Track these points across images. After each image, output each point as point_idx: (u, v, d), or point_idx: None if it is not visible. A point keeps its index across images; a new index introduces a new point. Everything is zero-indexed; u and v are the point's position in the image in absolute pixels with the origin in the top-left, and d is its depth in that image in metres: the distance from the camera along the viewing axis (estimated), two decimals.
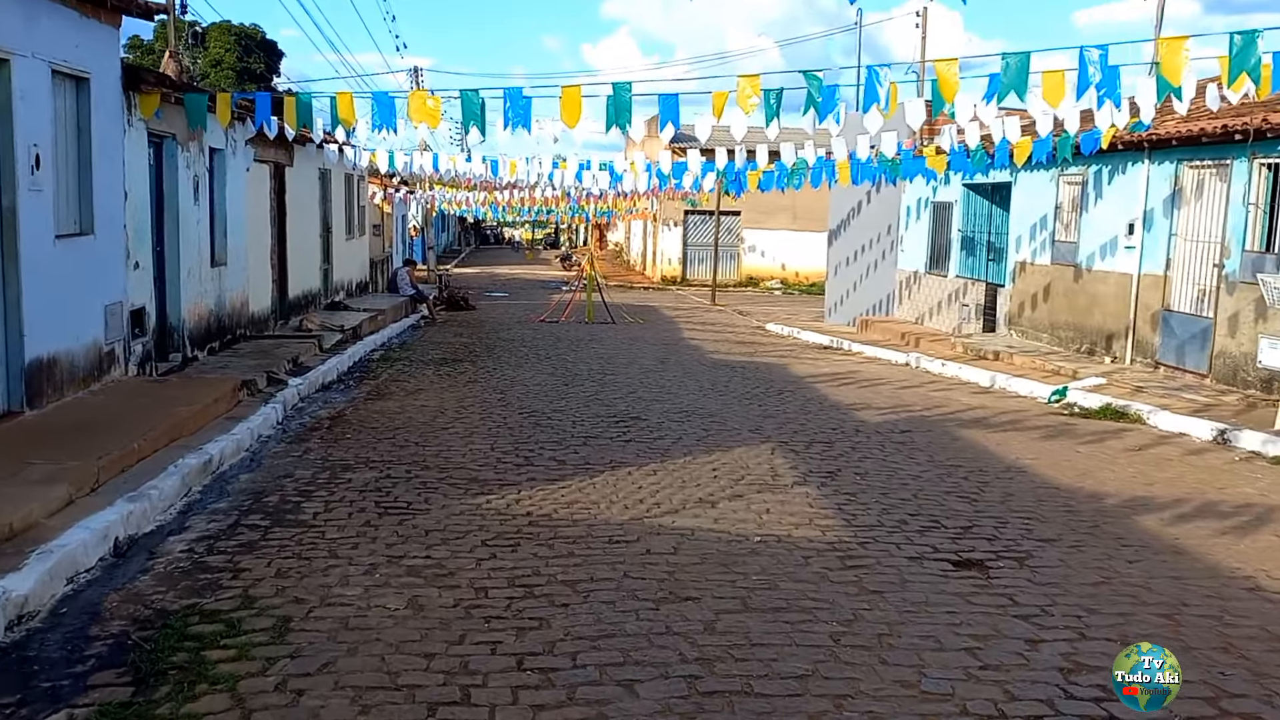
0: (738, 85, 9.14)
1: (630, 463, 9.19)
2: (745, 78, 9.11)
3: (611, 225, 53.89)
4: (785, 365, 17.10)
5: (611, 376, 15.01)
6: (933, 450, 10.03)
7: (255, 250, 15.77)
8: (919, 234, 21.43)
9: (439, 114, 10.07)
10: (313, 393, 12.65)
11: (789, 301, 34.92)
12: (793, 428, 11.09)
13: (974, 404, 13.12)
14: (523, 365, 16.17)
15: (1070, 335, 16.20)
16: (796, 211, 39.22)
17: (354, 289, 24.10)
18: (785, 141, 17.06)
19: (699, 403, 12.64)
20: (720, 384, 14.44)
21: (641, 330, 23.42)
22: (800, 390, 14.03)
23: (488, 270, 48.69)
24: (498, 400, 12.59)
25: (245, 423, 9.81)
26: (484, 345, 19.18)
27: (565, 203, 33.96)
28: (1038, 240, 17.13)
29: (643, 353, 18.43)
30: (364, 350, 16.80)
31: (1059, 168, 16.45)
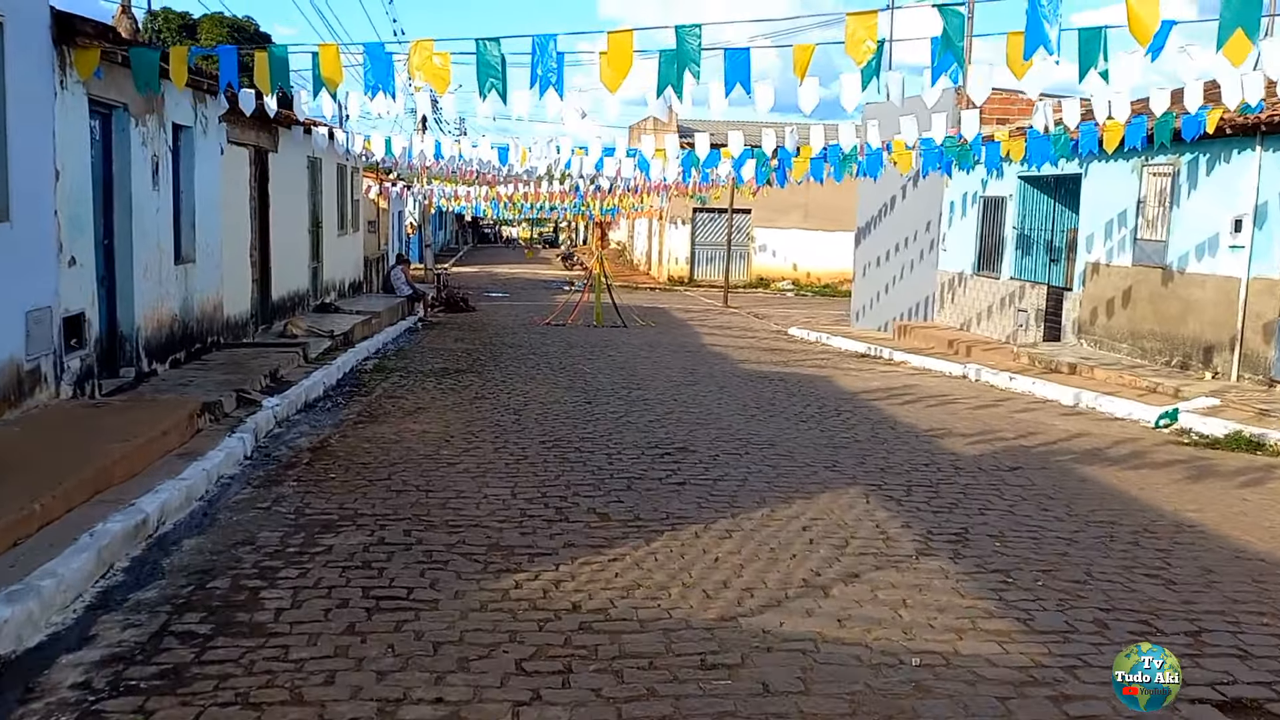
0: (847, 28, 6.98)
1: (692, 517, 7.04)
2: (857, 16, 6.96)
3: (614, 224, 51.67)
4: (829, 378, 14.96)
5: (638, 391, 12.86)
6: (1064, 496, 7.89)
7: (232, 246, 13.57)
8: (965, 232, 19.30)
9: (448, 73, 7.91)
10: (293, 414, 10.47)
11: (803, 303, 32.79)
12: (876, 463, 8.95)
13: (1072, 429, 10.98)
14: (535, 377, 14.01)
15: (1157, 346, 14.07)
16: (809, 209, 37.11)
17: (347, 289, 21.91)
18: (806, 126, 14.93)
19: (750, 427, 10.49)
20: (765, 401, 12.29)
21: (656, 335, 21.28)
22: (860, 410, 11.89)
23: (487, 269, 46.42)
24: (512, 423, 10.43)
25: (201, 461, 7.63)
26: (489, 352, 17.02)
27: (570, 199, 31.74)
28: (1115, 239, 15.01)
29: (665, 361, 16.28)
30: (356, 359, 14.61)
31: (1141, 157, 14.33)
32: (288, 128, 15.45)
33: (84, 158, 9.13)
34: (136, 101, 10.08)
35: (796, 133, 13.34)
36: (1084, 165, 15.67)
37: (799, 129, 13.33)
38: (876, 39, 6.99)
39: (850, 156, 13.91)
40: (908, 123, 12.50)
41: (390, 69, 8.01)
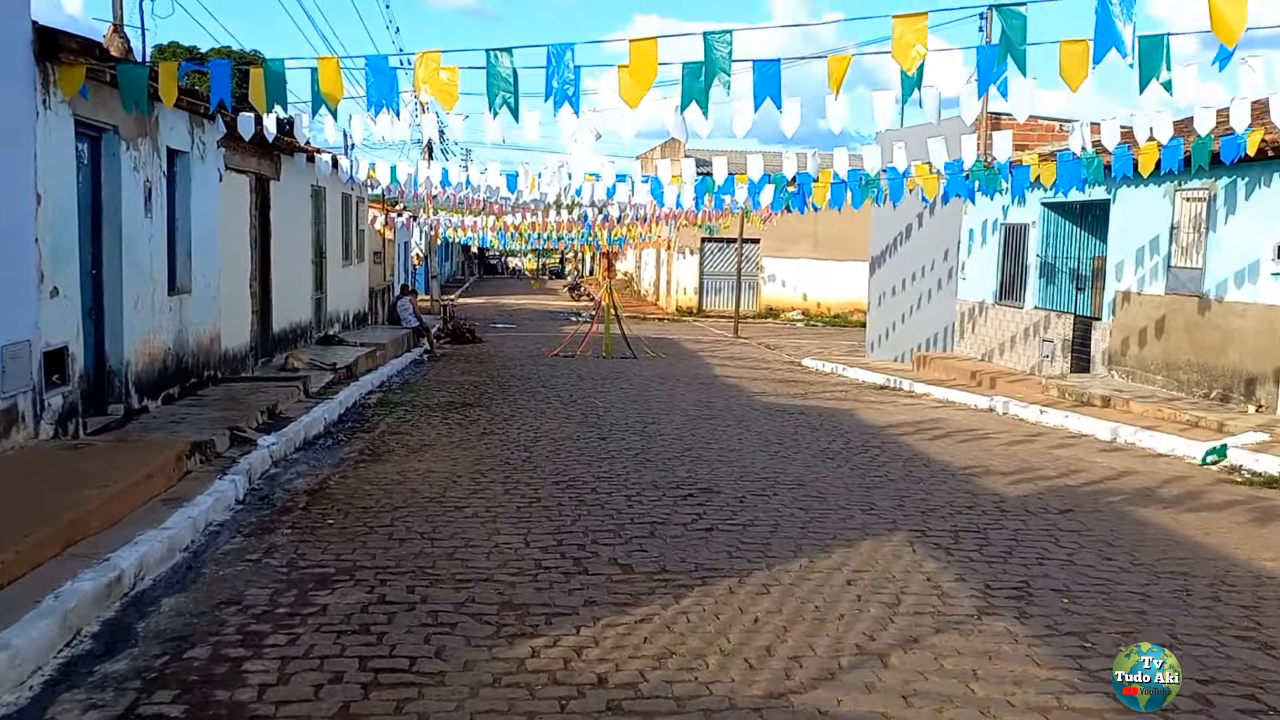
0: (894, 32, 6.37)
1: (724, 568, 6.38)
2: (905, 19, 6.34)
3: (620, 254, 51.21)
4: (851, 411, 14.31)
5: (654, 426, 12.22)
6: (1125, 543, 7.22)
7: (231, 276, 12.99)
8: (985, 260, 18.69)
9: (456, 89, 7.34)
10: (291, 453, 9.83)
11: (814, 334, 32.19)
12: (915, 505, 8.28)
13: (1116, 466, 10.31)
14: (545, 410, 13.38)
15: (1194, 378, 13.41)
16: (818, 239, 36.62)
17: (351, 321, 21.33)
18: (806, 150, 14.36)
19: (775, 465, 9.84)
20: (787, 437, 11.64)
21: (667, 366, 20.65)
22: (889, 446, 11.23)
23: (493, 300, 45.90)
24: (523, 461, 9.79)
25: (187, 508, 6.99)
26: (496, 384, 16.39)
27: (578, 229, 31.25)
28: (1146, 266, 14.39)
29: (679, 394, 15.64)
30: (359, 393, 13.99)
31: (1174, 181, 13.73)
32: (290, 155, 14.92)
33: (69, 182, 8.55)
34: (128, 124, 9.52)
35: (819, 156, 12.79)
36: (1112, 191, 15.08)
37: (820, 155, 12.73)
38: (926, 44, 6.41)
39: (872, 182, 13.32)
40: (935, 145, 11.91)
41: (394, 84, 7.43)
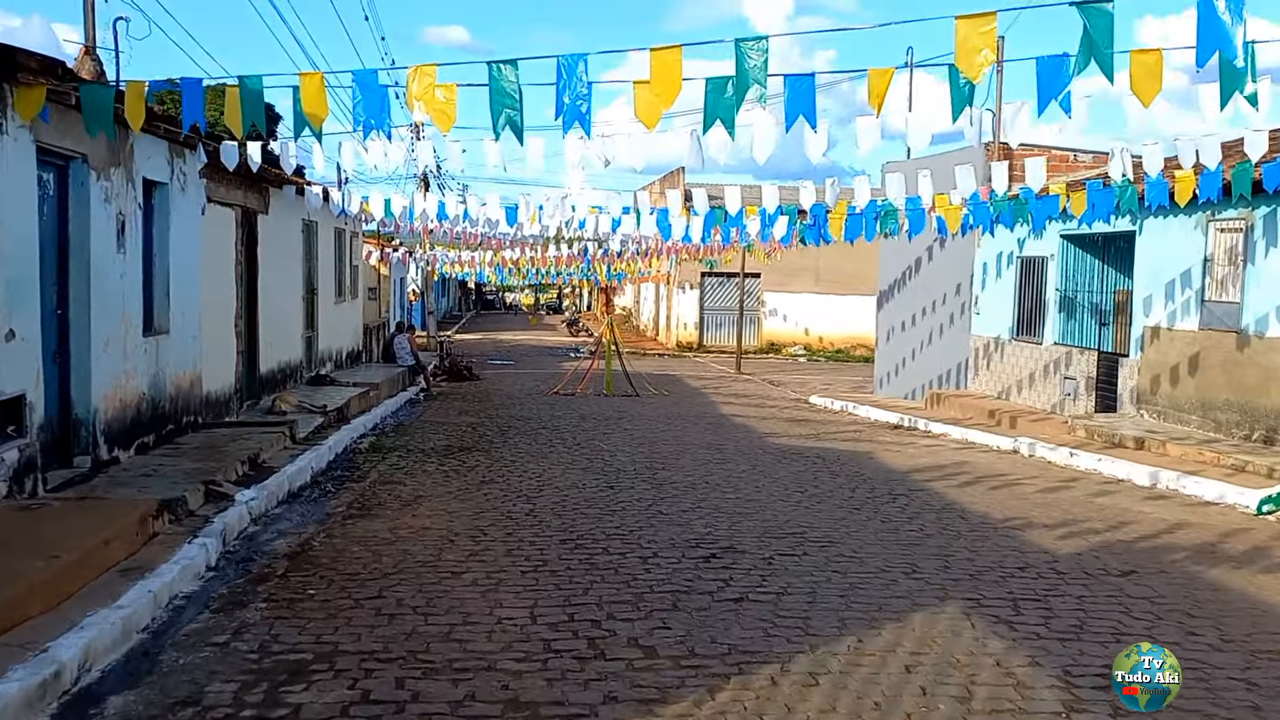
0: (958, 35, 5.56)
1: (762, 651, 5.52)
2: (970, 19, 5.52)
3: (619, 289, 50.51)
4: (870, 454, 13.47)
5: (665, 473, 11.38)
6: (1207, 614, 6.38)
7: (214, 315, 12.17)
8: (1000, 294, 17.92)
9: (453, 108, 6.56)
10: (272, 508, 8.97)
11: (817, 369, 31.38)
12: (961, 566, 7.43)
13: (1166, 517, 9.48)
14: (547, 455, 12.54)
15: (1234, 419, 12.60)
16: (820, 273, 35.92)
17: (344, 359, 20.50)
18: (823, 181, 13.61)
19: (800, 518, 8.99)
20: (806, 484, 10.81)
21: (672, 405, 19.83)
22: (917, 494, 10.39)
23: (491, 336, 45.08)
24: (525, 515, 8.94)
25: (147, 580, 6.13)
26: (495, 426, 15.55)
27: (577, 263, 30.49)
28: (1177, 301, 13.61)
29: (688, 436, 14.81)
30: (350, 437, 13.13)
31: (1207, 211, 12.99)
32: (279, 188, 14.15)
33: (30, 214, 7.74)
34: (98, 152, 8.73)
35: (837, 186, 12.01)
36: (1138, 222, 14.33)
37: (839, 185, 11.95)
38: (995, 48, 5.64)
39: (891, 213, 12.55)
40: (963, 173, 11.16)
41: (385, 102, 6.64)
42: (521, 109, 6.58)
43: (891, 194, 11.35)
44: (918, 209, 12.46)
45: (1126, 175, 10.19)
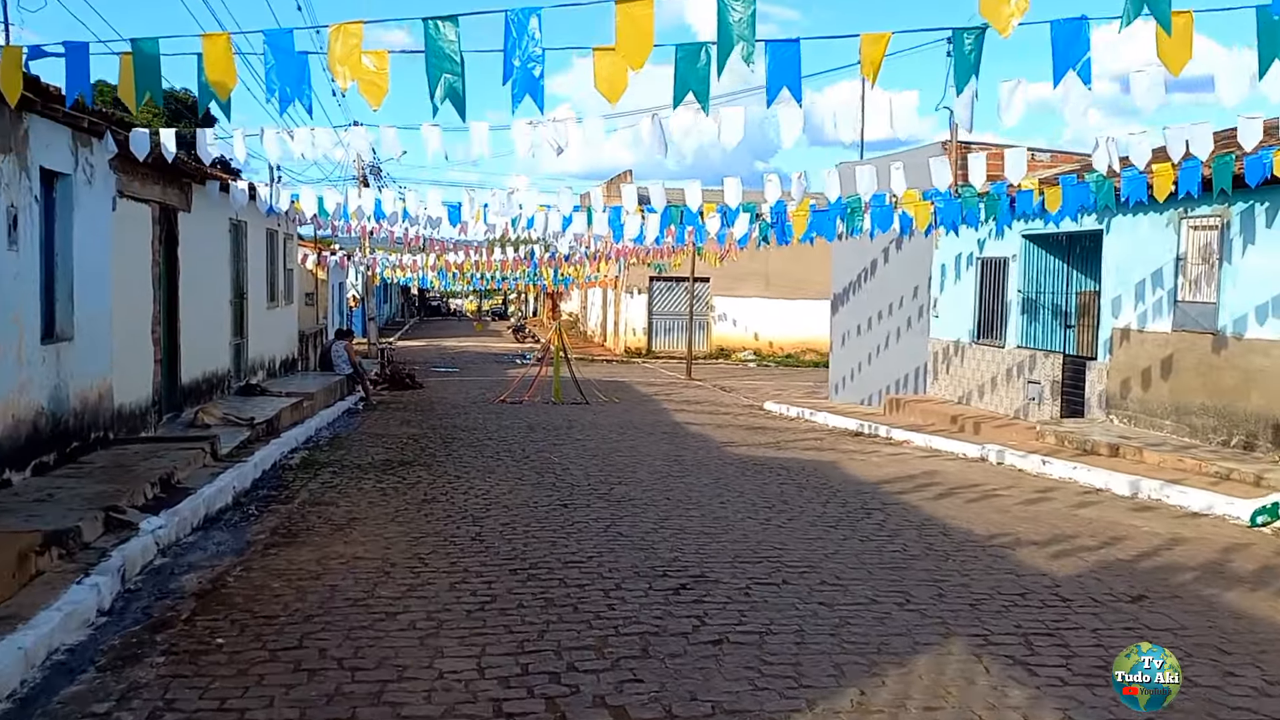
0: None
1: (752, 711, 4.67)
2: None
3: (566, 294, 49.50)
4: (834, 464, 12.72)
5: (622, 487, 10.52)
6: (1238, 648, 5.65)
7: (127, 320, 11.07)
8: (960, 297, 17.31)
9: (384, 78, 5.64)
10: (185, 535, 7.94)
11: (768, 375, 30.69)
12: (957, 594, 6.65)
13: (1159, 531, 8.81)
14: (495, 469, 11.61)
15: (1211, 423, 12.03)
16: (769, 277, 35.29)
17: (278, 368, 19.33)
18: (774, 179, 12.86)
19: (772, 538, 8.18)
20: (774, 498, 10.01)
21: (623, 412, 18.97)
22: (891, 508, 9.63)
23: (434, 343, 43.82)
24: (471, 540, 8.01)
25: (17, 634, 5.12)
26: (439, 437, 14.58)
27: (524, 267, 29.54)
28: (1149, 301, 13.04)
29: (643, 446, 13.96)
30: (280, 452, 12.07)
31: (1179, 209, 12.43)
32: (201, 183, 13.05)
33: None
34: None
35: (804, 180, 11.20)
36: (1105, 220, 13.76)
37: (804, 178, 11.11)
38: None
39: (857, 211, 11.79)
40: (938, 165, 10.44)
41: (304, 69, 5.71)
42: (464, 75, 5.67)
43: (861, 189, 10.57)
44: (884, 206, 11.72)
45: (1113, 166, 9.54)
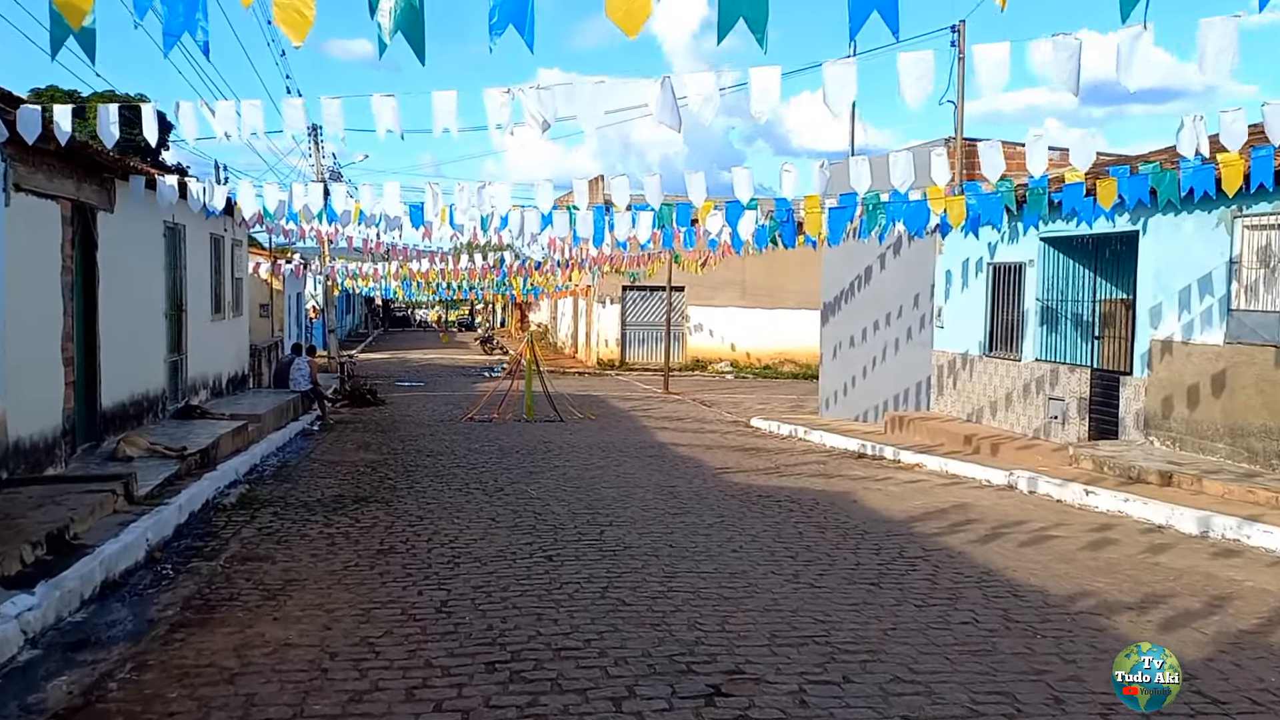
0: None
1: None
2: None
3: (535, 305, 47.69)
4: (850, 495, 11.12)
5: (614, 530, 8.85)
6: None
7: (28, 336, 9.25)
8: (968, 306, 15.79)
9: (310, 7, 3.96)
10: (70, 614, 6.16)
11: (747, 387, 29.13)
12: (1075, 695, 5.02)
13: (1273, 589, 7.25)
14: (464, 508, 9.91)
15: (1275, 448, 10.54)
16: (746, 286, 33.80)
17: (225, 386, 17.46)
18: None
19: (811, 604, 6.54)
20: (793, 542, 8.39)
21: (601, 432, 17.31)
22: (939, 559, 8.01)
23: (399, 355, 41.86)
24: (436, 613, 6.31)
25: None
26: (400, 465, 12.84)
27: (492, 276, 27.78)
28: (1195, 311, 11.55)
29: (629, 473, 12.31)
30: (213, 489, 10.27)
31: (1232, 206, 10.96)
32: (124, 178, 11.22)
33: None
34: None
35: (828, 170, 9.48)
36: (1141, 220, 12.27)
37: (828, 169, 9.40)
38: None
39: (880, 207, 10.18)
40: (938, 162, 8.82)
41: None
42: (422, 11, 4.00)
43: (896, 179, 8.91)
44: (909, 205, 10.12)
45: (1201, 152, 8.01)
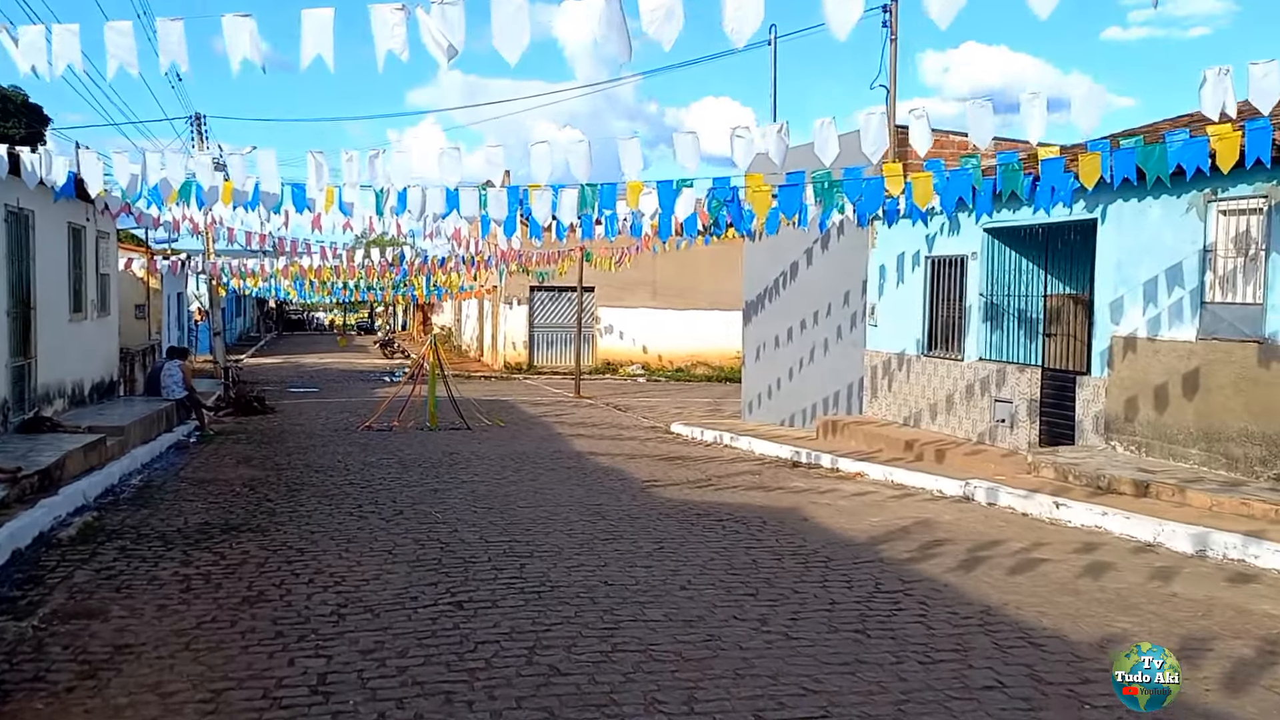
0: None
1: None
2: None
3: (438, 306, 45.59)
4: (797, 511, 9.80)
5: (536, 563, 7.35)
6: None
7: None
8: (904, 302, 14.66)
9: None
10: None
11: (661, 390, 27.77)
12: None
13: None
14: (356, 536, 8.29)
15: (1257, 453, 9.54)
16: (657, 287, 32.47)
17: (88, 394, 15.33)
18: None
19: (794, 664, 5.15)
20: (748, 574, 7.03)
21: (513, 440, 15.74)
22: (922, 593, 6.71)
23: (292, 360, 39.38)
24: (308, 696, 4.76)
25: None
26: (284, 483, 11.13)
27: (392, 276, 25.88)
28: (1163, 304, 10.54)
29: (548, 488, 10.82)
30: (48, 519, 8.41)
31: (1205, 190, 9.97)
32: None
33: None
34: None
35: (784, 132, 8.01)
36: (1100, 208, 11.24)
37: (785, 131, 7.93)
38: None
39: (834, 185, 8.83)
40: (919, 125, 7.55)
41: None
42: None
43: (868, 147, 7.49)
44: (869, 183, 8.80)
45: (1228, 112, 6.86)
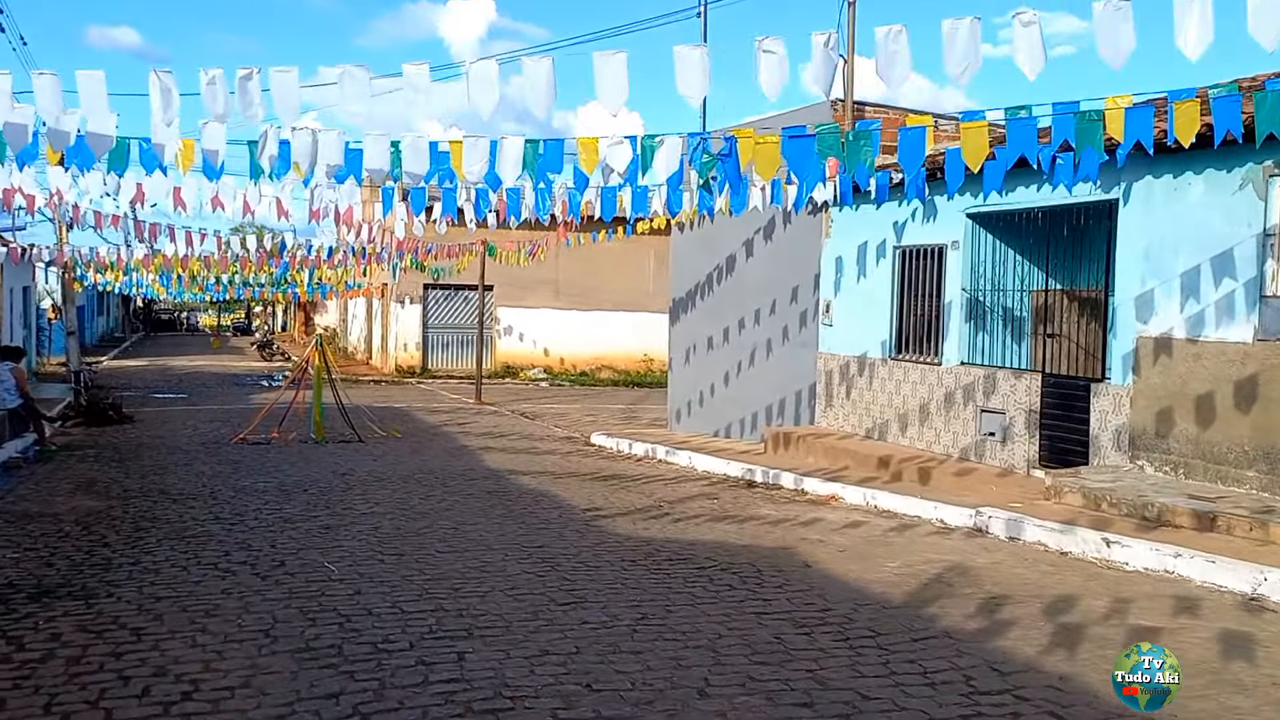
0: None
1: None
2: None
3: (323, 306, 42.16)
4: (792, 553, 7.70)
5: (477, 651, 5.02)
6: None
7: None
8: (867, 298, 12.73)
9: None
10: None
11: (568, 396, 25.43)
12: None
13: None
14: (219, 608, 5.84)
15: None
16: (559, 286, 30.14)
17: None
18: None
19: None
20: (767, 653, 4.92)
21: (413, 455, 13.31)
22: (1036, 699, 4.66)
23: (159, 362, 35.51)
24: None
25: None
26: (129, 518, 8.55)
27: (271, 270, 22.89)
28: (1208, 298, 8.80)
29: (467, 520, 8.50)
30: None
31: (1263, 162, 8.26)
32: None
33: None
34: None
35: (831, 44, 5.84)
36: (1121, 187, 9.47)
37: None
38: None
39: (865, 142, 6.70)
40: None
41: None
42: None
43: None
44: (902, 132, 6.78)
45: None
